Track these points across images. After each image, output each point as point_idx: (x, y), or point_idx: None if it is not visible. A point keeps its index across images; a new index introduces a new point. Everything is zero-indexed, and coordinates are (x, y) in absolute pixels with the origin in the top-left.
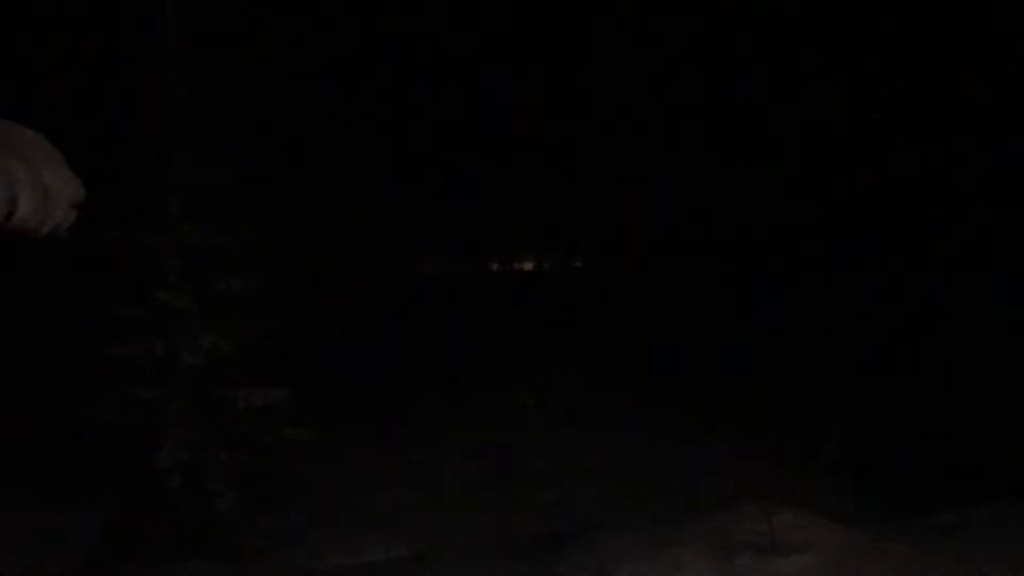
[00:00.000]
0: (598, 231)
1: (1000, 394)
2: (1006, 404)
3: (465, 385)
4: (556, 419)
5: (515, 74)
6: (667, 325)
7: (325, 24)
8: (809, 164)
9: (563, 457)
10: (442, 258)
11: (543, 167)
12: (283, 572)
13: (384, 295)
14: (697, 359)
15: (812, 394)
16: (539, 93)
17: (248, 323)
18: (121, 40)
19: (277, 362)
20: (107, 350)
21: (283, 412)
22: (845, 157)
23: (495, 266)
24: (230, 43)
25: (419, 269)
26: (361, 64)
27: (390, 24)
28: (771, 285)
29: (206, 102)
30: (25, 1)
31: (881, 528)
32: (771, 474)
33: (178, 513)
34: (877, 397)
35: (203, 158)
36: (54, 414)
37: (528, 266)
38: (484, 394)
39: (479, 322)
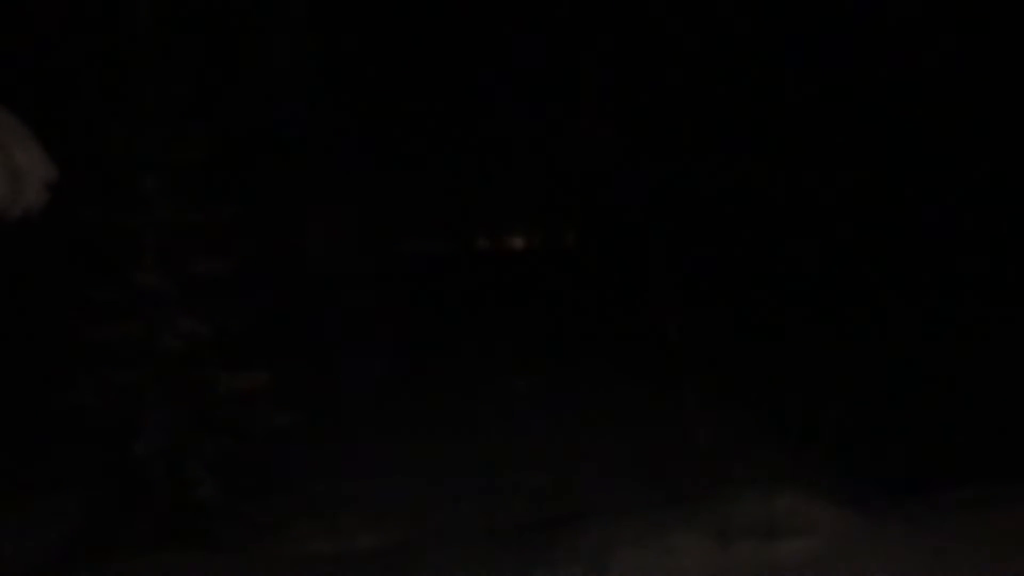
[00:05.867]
0: (590, 207)
1: (1004, 371)
2: (1010, 382)
3: (454, 367)
4: (548, 401)
5: (503, 39)
6: (661, 303)
7: None
8: (809, 140)
9: (556, 440)
10: (428, 237)
11: (533, 140)
12: (267, 560)
13: (368, 275)
14: (692, 338)
15: (811, 372)
16: (531, 60)
17: (228, 304)
18: (91, 13)
19: (259, 345)
20: (83, 334)
21: (266, 396)
22: (849, 142)
23: (482, 244)
24: (204, 16)
25: (404, 248)
26: (338, 36)
27: None
28: (769, 260)
29: (180, 76)
30: None
31: (883, 509)
32: (770, 455)
33: (158, 500)
34: (877, 375)
35: (178, 134)
36: (30, 399)
37: (518, 244)
38: (474, 376)
39: (467, 302)
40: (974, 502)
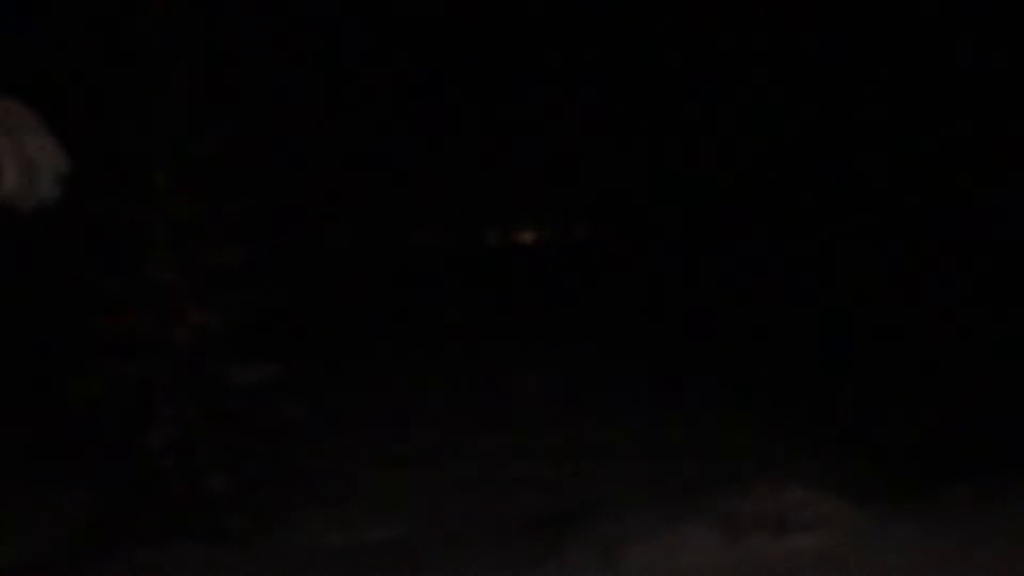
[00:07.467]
0: (600, 199)
1: (1014, 363)
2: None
3: (466, 361)
4: (559, 395)
5: (512, 31)
6: (671, 297)
7: None
8: (818, 132)
9: (567, 434)
10: (437, 230)
11: (542, 133)
12: (277, 553)
13: (380, 268)
14: (703, 333)
15: (820, 367)
16: (534, 51)
17: (239, 297)
18: (105, 11)
19: (270, 337)
20: (94, 326)
21: (277, 389)
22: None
23: (492, 237)
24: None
25: (415, 241)
26: (350, 26)
27: None
28: (779, 255)
29: (192, 67)
30: None
31: (894, 504)
32: (780, 450)
33: (169, 493)
34: (887, 369)
35: (191, 125)
36: (40, 391)
37: (528, 238)
38: (485, 370)
39: (479, 295)
40: (985, 497)
